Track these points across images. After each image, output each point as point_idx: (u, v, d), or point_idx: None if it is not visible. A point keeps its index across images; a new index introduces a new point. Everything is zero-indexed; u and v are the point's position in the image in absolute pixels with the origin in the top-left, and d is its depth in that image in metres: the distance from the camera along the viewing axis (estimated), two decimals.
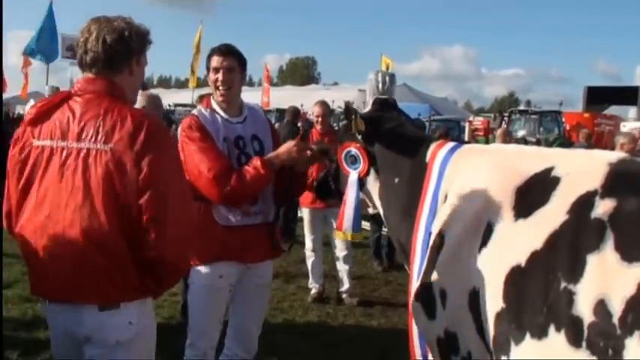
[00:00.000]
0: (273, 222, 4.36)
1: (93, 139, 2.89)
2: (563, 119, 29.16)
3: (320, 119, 8.27)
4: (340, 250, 8.32)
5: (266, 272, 4.42)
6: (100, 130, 2.88)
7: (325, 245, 8.66)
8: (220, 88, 4.15)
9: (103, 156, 2.86)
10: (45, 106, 3.07)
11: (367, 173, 3.71)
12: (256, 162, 3.99)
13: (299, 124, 13.16)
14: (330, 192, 4.28)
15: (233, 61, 4.17)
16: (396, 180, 3.53)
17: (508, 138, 9.92)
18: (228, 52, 4.17)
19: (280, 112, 29.04)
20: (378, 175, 3.67)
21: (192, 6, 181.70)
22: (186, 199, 3.06)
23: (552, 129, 28.00)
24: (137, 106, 6.06)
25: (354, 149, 3.73)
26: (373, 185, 3.72)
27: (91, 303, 2.93)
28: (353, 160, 3.74)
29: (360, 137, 3.72)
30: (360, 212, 3.79)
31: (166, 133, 3.07)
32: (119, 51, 3.01)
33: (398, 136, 3.64)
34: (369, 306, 8.14)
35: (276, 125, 19.36)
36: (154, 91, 19.26)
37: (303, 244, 8.77)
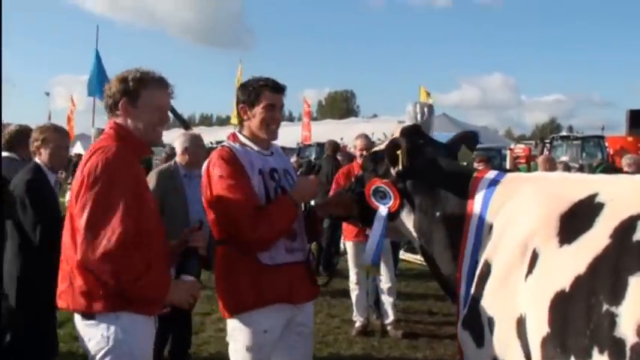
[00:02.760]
0: (311, 259, 4.17)
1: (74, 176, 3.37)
2: (606, 144, 28.78)
3: (362, 153, 8.30)
4: (384, 283, 8.31)
5: (308, 319, 4.13)
6: (80, 168, 3.33)
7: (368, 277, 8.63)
8: (273, 125, 3.97)
9: (72, 191, 3.35)
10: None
11: (399, 208, 3.66)
12: (283, 199, 3.83)
13: (339, 158, 13.23)
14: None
15: (283, 97, 4.01)
16: (437, 214, 3.51)
17: (549, 164, 9.79)
18: (282, 89, 3.99)
19: (320, 147, 29.18)
20: (413, 208, 3.63)
21: (232, 44, 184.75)
22: (114, 213, 3.13)
23: (595, 154, 27.63)
24: (180, 145, 6.30)
25: (382, 185, 3.67)
26: (407, 218, 3.67)
27: (71, 310, 3.33)
28: (382, 196, 3.68)
29: (394, 172, 3.66)
30: (382, 246, 3.74)
31: (111, 156, 3.24)
32: (115, 95, 3.44)
33: (435, 169, 3.62)
34: (414, 338, 8.07)
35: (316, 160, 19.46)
36: (196, 129, 19.59)
37: (346, 277, 8.77)
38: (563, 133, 32.26)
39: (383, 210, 3.68)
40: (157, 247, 3.40)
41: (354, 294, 8.41)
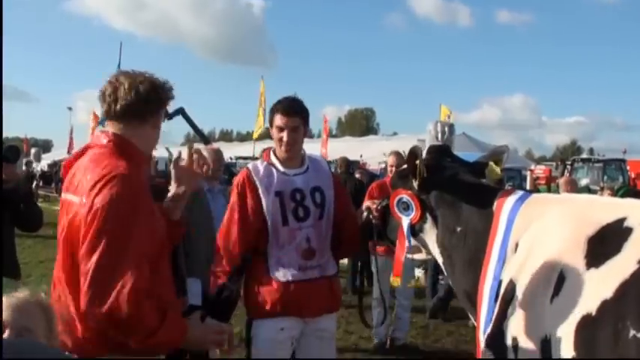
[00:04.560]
0: (333, 275, 4.33)
1: (72, 190, 2.92)
2: (628, 167, 28.57)
3: (394, 169, 8.31)
4: (403, 299, 8.34)
5: (328, 325, 4.34)
6: (79, 181, 2.89)
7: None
8: (284, 147, 4.18)
9: (71, 207, 2.88)
10: (69, 160, 3.14)
11: (420, 220, 3.71)
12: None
13: (356, 175, 13.33)
14: (371, 236, 4.26)
15: (297, 120, 4.18)
16: (458, 229, 3.52)
17: (571, 187, 9.71)
18: (292, 111, 4.17)
19: None
20: (436, 223, 3.66)
21: (254, 61, 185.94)
22: (127, 259, 2.69)
23: (616, 177, 27.42)
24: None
25: (405, 196, 3.73)
26: (430, 232, 3.70)
27: (69, 352, 2.78)
28: (405, 207, 3.74)
29: (415, 184, 3.71)
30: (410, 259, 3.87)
31: (129, 188, 2.80)
32: (140, 101, 3.00)
33: (458, 184, 3.64)
34: (432, 356, 8.06)
35: None
36: (216, 145, 19.71)
37: (364, 293, 8.72)
38: (584, 156, 32.08)
39: (405, 221, 3.74)
40: (170, 282, 3.11)
41: (375, 310, 8.36)
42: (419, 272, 11.27)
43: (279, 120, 4.17)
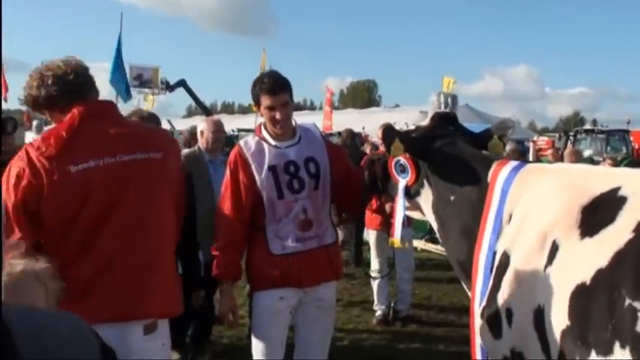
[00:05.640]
0: (331, 244, 4.37)
1: (140, 149, 3.08)
2: (631, 138, 28.47)
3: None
4: (404, 271, 8.34)
5: (327, 294, 4.40)
6: (143, 141, 3.14)
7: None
8: (279, 125, 4.16)
9: (157, 163, 3.13)
10: (76, 129, 3.05)
11: (415, 183, 3.76)
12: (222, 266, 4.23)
13: (367, 150, 13.42)
14: (376, 191, 4.36)
15: (284, 96, 4.15)
16: (452, 198, 3.54)
17: (575, 157, 9.69)
18: (279, 89, 4.14)
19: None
20: (432, 189, 3.70)
21: (255, 32, 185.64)
22: None
23: (620, 148, 27.36)
24: (200, 130, 6.37)
25: (402, 159, 3.77)
26: (426, 197, 3.75)
27: (162, 317, 3.00)
28: (402, 169, 3.80)
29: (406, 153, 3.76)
30: (404, 220, 3.92)
31: None
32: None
33: (451, 154, 3.64)
34: (435, 327, 8.11)
35: None
36: (217, 116, 19.67)
37: (367, 266, 8.77)
38: (588, 127, 31.98)
39: (402, 183, 3.82)
40: None
41: (375, 282, 8.41)
42: (418, 242, 11.32)
43: (267, 100, 4.13)
